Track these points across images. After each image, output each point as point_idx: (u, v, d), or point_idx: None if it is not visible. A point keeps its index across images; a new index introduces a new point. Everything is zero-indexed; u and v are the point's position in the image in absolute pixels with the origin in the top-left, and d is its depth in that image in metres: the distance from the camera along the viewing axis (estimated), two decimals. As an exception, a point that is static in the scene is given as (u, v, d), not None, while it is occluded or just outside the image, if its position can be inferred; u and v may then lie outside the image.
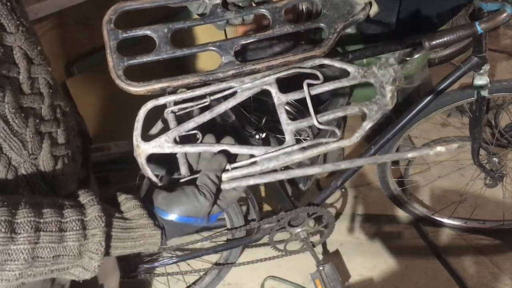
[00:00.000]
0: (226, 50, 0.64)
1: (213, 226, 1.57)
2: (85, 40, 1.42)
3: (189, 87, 0.63)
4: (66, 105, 0.66)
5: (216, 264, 1.58)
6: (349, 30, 1.71)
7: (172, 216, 0.58)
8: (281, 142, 1.64)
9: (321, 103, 1.79)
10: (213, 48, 0.64)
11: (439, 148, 0.61)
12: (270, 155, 0.63)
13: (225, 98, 0.65)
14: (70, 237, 0.49)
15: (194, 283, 1.63)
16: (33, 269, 0.47)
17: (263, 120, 1.63)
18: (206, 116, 0.63)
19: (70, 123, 0.66)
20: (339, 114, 0.66)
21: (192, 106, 0.63)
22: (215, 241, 1.53)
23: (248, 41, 0.67)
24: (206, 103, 0.64)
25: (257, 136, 1.57)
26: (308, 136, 1.63)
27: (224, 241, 1.53)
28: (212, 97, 0.64)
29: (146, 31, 0.65)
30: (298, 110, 1.53)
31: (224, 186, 0.62)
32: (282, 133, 0.64)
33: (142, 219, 0.56)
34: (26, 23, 0.56)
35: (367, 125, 0.65)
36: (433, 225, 1.88)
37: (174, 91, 0.63)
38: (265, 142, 1.57)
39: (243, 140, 1.35)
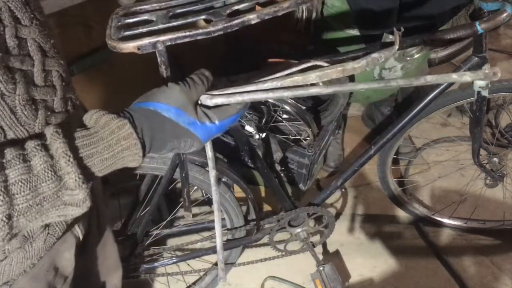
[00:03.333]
0: (219, 14, 0.65)
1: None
2: (85, 40, 1.42)
3: (178, 40, 0.63)
4: (77, 98, 0.67)
5: (216, 264, 1.58)
6: (349, 30, 1.71)
7: (140, 104, 0.58)
8: (281, 142, 1.65)
9: (321, 103, 1.80)
10: (208, 17, 0.65)
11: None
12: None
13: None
14: (37, 162, 0.47)
15: (194, 283, 1.63)
16: (17, 208, 0.46)
17: (263, 120, 1.63)
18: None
19: (79, 116, 0.67)
20: None
21: None
22: (215, 241, 1.52)
23: (241, 6, 0.67)
24: None
25: (257, 136, 1.57)
26: (308, 136, 1.63)
27: (224, 241, 1.53)
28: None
29: (145, 16, 0.67)
30: (298, 110, 1.53)
31: (213, 101, 0.61)
32: (282, 133, 0.65)
33: (104, 117, 0.54)
34: (40, 17, 0.57)
35: None
36: (433, 225, 1.88)
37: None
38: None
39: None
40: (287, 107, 1.52)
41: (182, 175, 1.20)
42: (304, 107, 1.59)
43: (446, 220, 1.86)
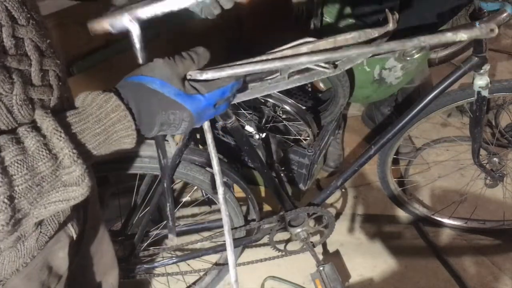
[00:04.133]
0: None
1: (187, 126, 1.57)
2: (84, 40, 1.42)
3: (149, 13, 0.63)
4: (72, 98, 0.67)
5: (216, 264, 1.58)
6: (349, 30, 1.71)
7: (128, 78, 0.58)
8: (281, 142, 1.65)
9: (321, 103, 1.80)
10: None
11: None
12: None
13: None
14: (30, 143, 0.47)
15: (194, 283, 1.63)
16: (17, 189, 0.46)
17: (263, 120, 1.63)
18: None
19: None
20: None
21: None
22: (215, 241, 1.53)
23: None
24: None
25: (257, 136, 1.57)
26: (308, 136, 1.63)
27: (224, 241, 1.53)
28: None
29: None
30: (298, 110, 1.53)
31: (203, 75, 0.61)
32: (282, 133, 0.65)
33: (90, 95, 0.54)
34: (37, 16, 0.57)
35: None
36: (433, 225, 1.88)
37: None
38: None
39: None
40: (287, 107, 1.52)
41: (165, 186, 1.17)
42: (304, 107, 1.59)
43: (446, 220, 1.86)
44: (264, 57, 0.64)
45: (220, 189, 0.76)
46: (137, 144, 0.58)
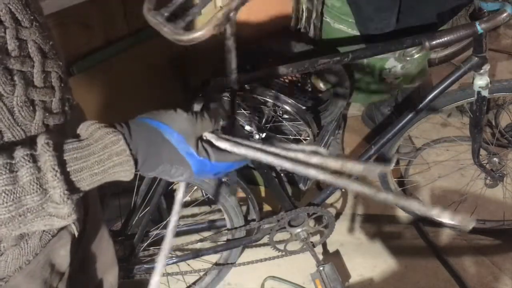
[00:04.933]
0: None
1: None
2: (84, 40, 1.42)
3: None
4: (73, 98, 0.67)
5: (216, 264, 1.58)
6: (349, 30, 1.72)
7: (147, 120, 0.57)
8: (281, 142, 1.65)
9: (321, 103, 1.80)
10: None
11: None
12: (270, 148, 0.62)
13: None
14: (23, 173, 0.46)
15: (194, 283, 1.63)
16: (0, 218, 0.45)
17: (263, 120, 1.63)
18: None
19: (74, 116, 0.67)
20: None
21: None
22: (215, 241, 1.53)
23: None
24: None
25: (257, 136, 1.57)
26: (308, 136, 1.63)
27: (224, 241, 1.53)
28: None
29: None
30: (298, 110, 1.53)
31: (217, 142, 0.61)
32: (282, 133, 0.64)
33: (99, 131, 0.53)
34: (40, 18, 0.57)
35: None
36: (433, 225, 1.88)
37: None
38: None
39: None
40: (287, 107, 1.52)
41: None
42: (304, 107, 1.59)
43: (446, 220, 1.86)
44: (277, 151, 0.63)
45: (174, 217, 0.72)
46: None
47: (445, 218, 0.60)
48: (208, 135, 0.61)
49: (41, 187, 0.47)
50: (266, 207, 1.80)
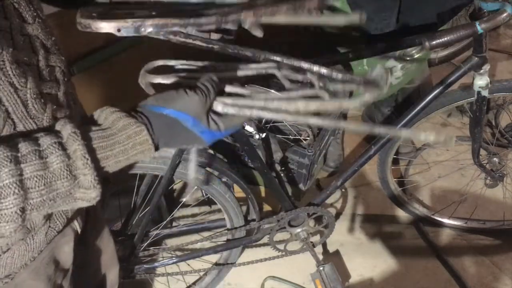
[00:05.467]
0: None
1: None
2: (84, 40, 1.42)
3: (165, 28, 0.61)
4: (75, 94, 0.70)
5: (216, 264, 1.58)
6: (349, 30, 1.71)
7: (159, 109, 0.58)
8: (281, 142, 1.65)
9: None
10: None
11: None
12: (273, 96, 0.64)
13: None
14: (53, 160, 0.48)
15: (194, 283, 1.63)
16: (31, 202, 0.47)
17: (263, 120, 1.63)
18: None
19: (78, 112, 0.70)
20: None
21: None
22: (215, 241, 1.53)
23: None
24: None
25: (257, 136, 1.57)
26: (308, 136, 1.63)
27: (224, 241, 1.53)
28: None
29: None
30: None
31: (224, 109, 0.62)
32: (282, 133, 0.65)
33: (122, 120, 0.54)
34: (42, 15, 0.60)
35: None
36: (433, 225, 1.88)
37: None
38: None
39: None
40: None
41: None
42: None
43: (446, 220, 1.86)
44: (279, 104, 0.64)
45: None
46: None
47: (431, 138, 0.65)
48: (214, 105, 0.62)
49: (70, 173, 0.49)
50: (266, 207, 1.80)
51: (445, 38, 1.11)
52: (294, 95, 0.66)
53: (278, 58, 0.67)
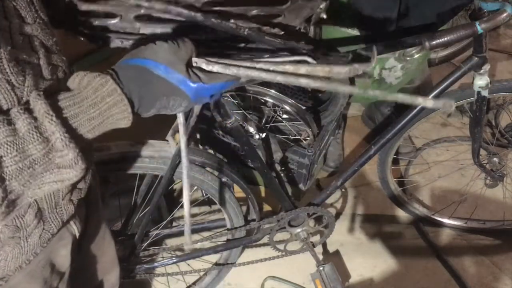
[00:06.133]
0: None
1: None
2: (84, 41, 1.42)
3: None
4: None
5: (216, 264, 1.58)
6: (349, 30, 1.71)
7: (126, 61, 0.57)
8: (281, 142, 1.65)
9: (321, 103, 1.79)
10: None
11: None
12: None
13: None
14: (21, 125, 0.47)
15: (194, 283, 1.63)
16: (6, 170, 0.46)
17: (263, 120, 1.63)
18: None
19: None
20: None
21: None
22: (215, 241, 1.53)
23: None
24: None
25: (257, 136, 1.57)
26: (308, 136, 1.63)
27: (224, 241, 1.53)
28: None
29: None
30: (298, 110, 1.52)
31: (208, 66, 0.61)
32: (282, 133, 0.65)
33: (86, 77, 0.53)
34: (44, 16, 0.59)
35: None
36: (433, 225, 1.88)
37: None
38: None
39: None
40: (287, 107, 1.52)
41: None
42: (304, 107, 1.59)
43: (446, 220, 1.86)
44: (266, 66, 0.64)
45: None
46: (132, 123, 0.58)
47: (429, 104, 0.67)
48: (198, 61, 0.61)
49: (41, 135, 0.48)
50: (266, 207, 1.80)
51: (445, 38, 1.11)
52: (282, 59, 0.66)
53: (264, 39, 0.67)
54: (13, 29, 0.52)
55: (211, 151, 1.74)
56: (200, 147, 1.79)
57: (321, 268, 1.47)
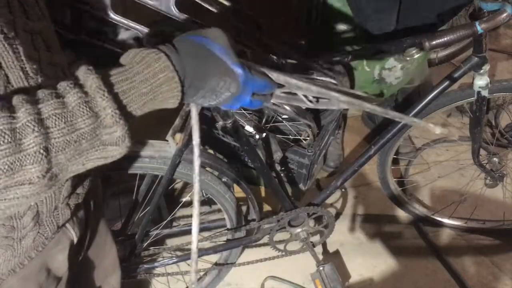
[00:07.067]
0: None
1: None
2: (85, 40, 1.42)
3: None
4: None
5: (216, 264, 1.58)
6: (349, 30, 1.71)
7: (190, 36, 0.57)
8: (281, 142, 1.65)
9: (321, 103, 1.79)
10: None
11: None
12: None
13: None
14: (71, 99, 0.46)
15: (194, 283, 1.63)
16: (53, 141, 0.45)
17: (263, 120, 1.63)
18: None
19: None
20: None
21: None
22: (215, 241, 1.53)
23: None
24: None
25: (257, 136, 1.57)
26: (308, 136, 1.63)
27: (224, 241, 1.53)
28: None
29: None
30: (298, 110, 1.52)
31: (257, 68, 0.65)
32: (282, 133, 0.66)
33: (140, 53, 0.52)
34: (48, 17, 0.60)
35: None
36: (433, 225, 1.88)
37: None
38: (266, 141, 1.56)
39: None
40: (287, 107, 1.52)
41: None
42: (304, 107, 1.59)
43: (446, 220, 1.86)
44: (306, 79, 0.69)
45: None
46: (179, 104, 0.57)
47: (420, 124, 0.76)
48: (243, 60, 0.63)
49: (91, 110, 0.47)
50: (266, 207, 1.80)
51: (445, 38, 1.11)
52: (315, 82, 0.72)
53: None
54: (17, 24, 0.52)
55: (211, 151, 1.74)
56: (200, 147, 1.79)
57: (321, 268, 1.47)
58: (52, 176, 0.46)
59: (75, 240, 0.73)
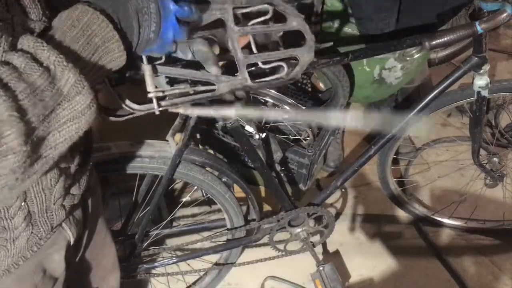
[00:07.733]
0: None
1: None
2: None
3: None
4: None
5: (216, 264, 1.58)
6: (349, 30, 1.71)
7: None
8: (281, 142, 1.65)
9: (321, 103, 1.80)
10: None
11: None
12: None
13: None
14: (18, 61, 0.46)
15: (194, 283, 1.63)
16: (23, 103, 0.45)
17: (263, 120, 1.63)
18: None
19: None
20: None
21: None
22: (215, 241, 1.53)
23: None
24: None
25: (257, 136, 1.57)
26: (308, 136, 1.63)
27: (224, 241, 1.53)
28: None
29: None
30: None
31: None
32: (282, 133, 0.65)
33: (60, 13, 0.53)
34: (48, 16, 0.59)
35: None
36: (433, 225, 1.88)
37: None
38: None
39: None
40: (287, 107, 1.52)
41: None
42: (304, 107, 1.59)
43: (446, 220, 1.86)
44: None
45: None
46: (127, 60, 0.55)
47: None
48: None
49: (41, 65, 0.47)
50: (266, 207, 1.80)
51: (445, 38, 1.11)
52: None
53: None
54: (15, 22, 0.52)
55: (211, 151, 1.74)
56: (200, 147, 1.79)
57: (321, 268, 1.47)
58: (33, 145, 0.46)
59: (72, 240, 0.73)
